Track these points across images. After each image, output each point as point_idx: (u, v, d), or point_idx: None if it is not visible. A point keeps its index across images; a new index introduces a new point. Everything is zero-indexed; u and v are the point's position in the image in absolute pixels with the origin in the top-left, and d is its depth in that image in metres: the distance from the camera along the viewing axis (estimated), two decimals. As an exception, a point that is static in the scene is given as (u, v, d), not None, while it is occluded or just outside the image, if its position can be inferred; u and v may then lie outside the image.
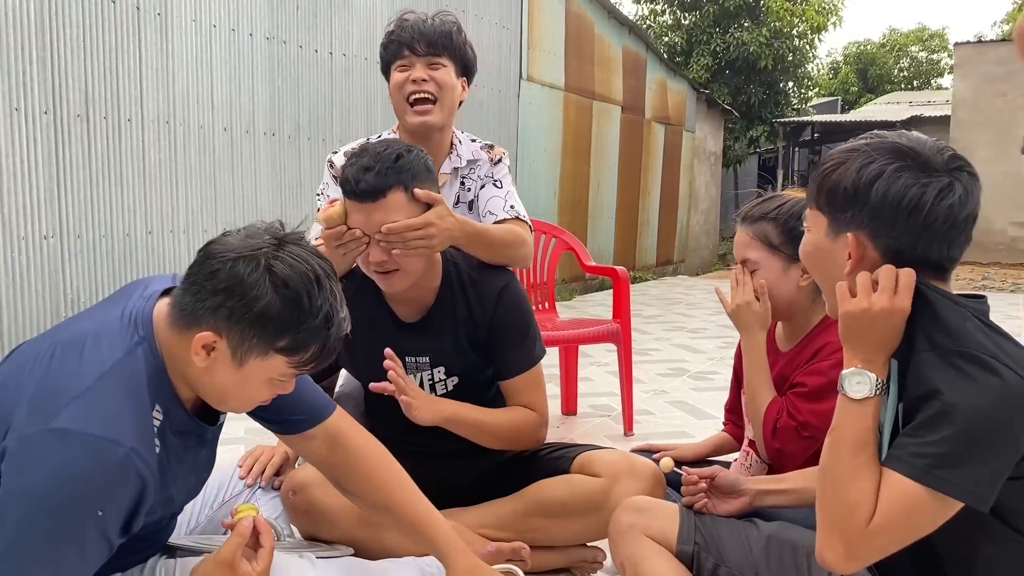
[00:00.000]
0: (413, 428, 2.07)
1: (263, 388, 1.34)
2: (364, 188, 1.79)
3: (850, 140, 1.32)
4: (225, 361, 1.29)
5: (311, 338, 1.29)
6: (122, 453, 1.20)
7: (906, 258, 1.23)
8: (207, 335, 1.26)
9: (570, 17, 9.01)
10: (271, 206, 5.32)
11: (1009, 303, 8.89)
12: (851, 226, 1.25)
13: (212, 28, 4.82)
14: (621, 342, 3.54)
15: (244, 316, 1.26)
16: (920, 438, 1.15)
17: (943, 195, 1.20)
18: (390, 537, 1.85)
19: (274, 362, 1.30)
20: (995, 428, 1.13)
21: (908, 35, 33.72)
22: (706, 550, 1.49)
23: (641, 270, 11.33)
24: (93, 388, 1.23)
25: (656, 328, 6.67)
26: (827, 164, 1.29)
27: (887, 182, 1.21)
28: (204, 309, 1.27)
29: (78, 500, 1.18)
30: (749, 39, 17.00)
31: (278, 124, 5.33)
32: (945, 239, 1.23)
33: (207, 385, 1.34)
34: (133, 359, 1.28)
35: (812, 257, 1.34)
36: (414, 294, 1.98)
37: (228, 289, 1.26)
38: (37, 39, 3.91)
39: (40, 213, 3.94)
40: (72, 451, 1.18)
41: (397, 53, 2.22)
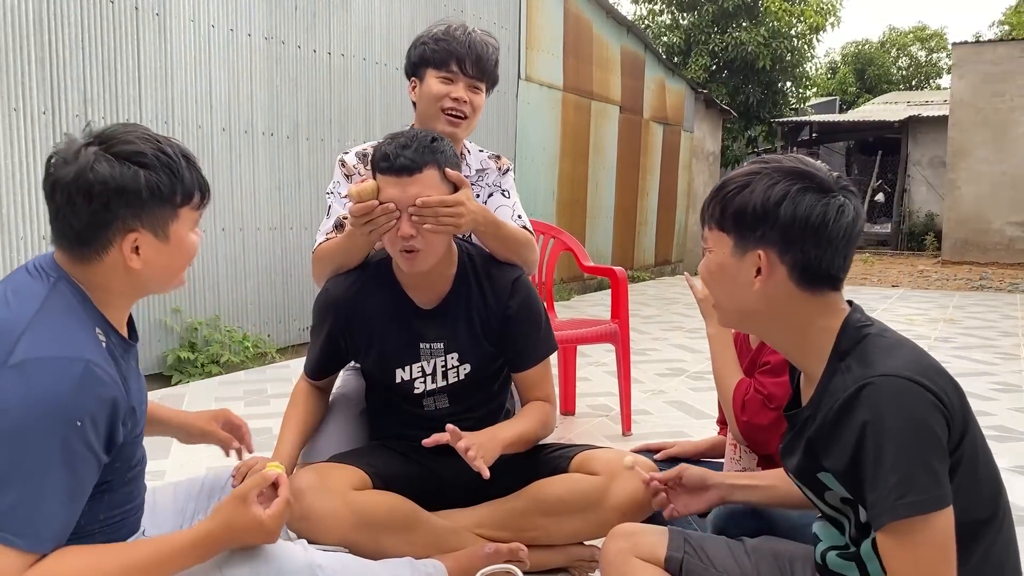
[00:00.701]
0: (413, 430, 2.08)
1: (193, 244, 1.45)
2: (402, 163, 1.85)
3: (744, 164, 1.39)
4: (154, 246, 1.38)
5: (191, 179, 1.40)
6: (83, 365, 1.27)
7: (811, 272, 1.31)
8: (129, 237, 1.35)
9: (568, 17, 9.02)
10: (269, 206, 5.32)
11: (1007, 303, 8.91)
12: (760, 244, 1.32)
13: (210, 28, 4.83)
14: (619, 342, 3.55)
15: (142, 203, 1.34)
16: None
17: (842, 212, 1.30)
18: (387, 541, 1.85)
19: (185, 216, 1.41)
20: None
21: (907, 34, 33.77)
22: (694, 556, 1.52)
23: (639, 270, 11.35)
24: (35, 321, 1.29)
25: (654, 328, 6.68)
26: (729, 187, 1.35)
27: (793, 201, 1.29)
28: (104, 227, 1.34)
29: (53, 419, 1.22)
30: (747, 39, 17.02)
31: (276, 124, 5.34)
32: (842, 252, 1.32)
33: (151, 279, 1.42)
34: (58, 292, 1.35)
35: (716, 276, 1.39)
36: (431, 280, 2.02)
37: (112, 197, 1.32)
38: (35, 39, 3.91)
39: (38, 213, 3.94)
40: (35, 377, 1.23)
41: (443, 63, 2.23)
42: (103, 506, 1.40)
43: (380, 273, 2.05)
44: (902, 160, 18.41)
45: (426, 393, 2.06)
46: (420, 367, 2.04)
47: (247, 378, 4.63)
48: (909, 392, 1.20)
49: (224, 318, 5.01)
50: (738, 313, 1.40)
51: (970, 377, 4.89)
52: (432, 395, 2.07)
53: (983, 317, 7.67)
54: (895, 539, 1.20)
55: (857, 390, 1.23)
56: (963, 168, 14.27)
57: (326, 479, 1.86)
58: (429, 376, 2.05)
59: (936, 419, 1.20)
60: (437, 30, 2.27)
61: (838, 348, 1.33)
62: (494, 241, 2.09)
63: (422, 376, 2.05)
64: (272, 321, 5.39)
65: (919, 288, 10.64)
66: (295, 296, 5.55)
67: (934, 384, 1.22)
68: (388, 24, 6.15)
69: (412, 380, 2.05)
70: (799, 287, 1.33)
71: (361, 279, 2.06)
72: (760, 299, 1.34)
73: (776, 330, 1.39)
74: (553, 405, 2.13)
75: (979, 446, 1.29)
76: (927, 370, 1.25)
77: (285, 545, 1.50)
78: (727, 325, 1.44)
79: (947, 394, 1.24)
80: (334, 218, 2.20)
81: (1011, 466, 3.27)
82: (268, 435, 3.46)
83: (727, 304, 1.41)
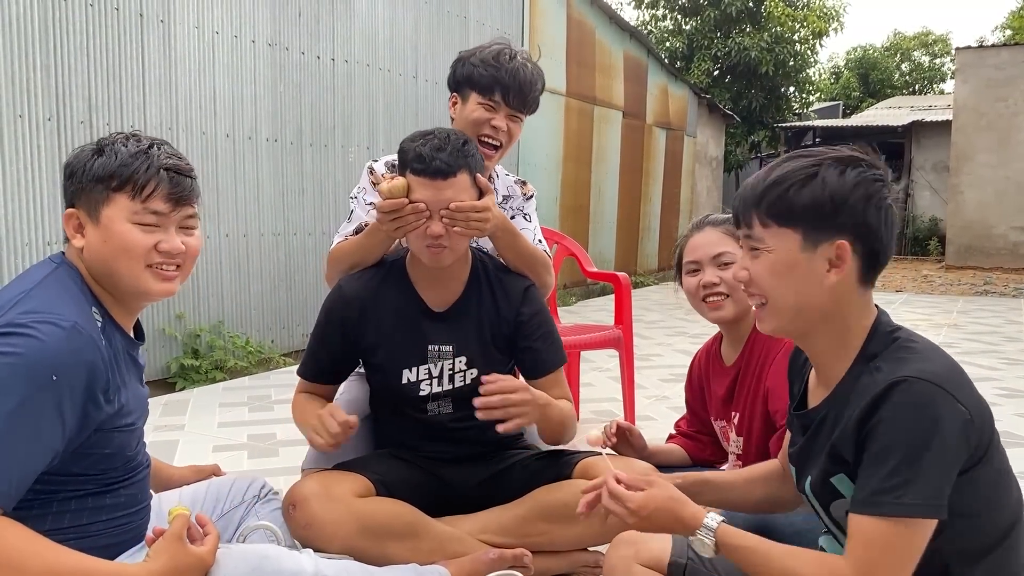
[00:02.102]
0: (419, 437, 2.09)
1: (129, 232, 1.43)
2: (437, 166, 1.89)
3: (788, 158, 1.35)
4: (90, 226, 1.43)
5: (134, 167, 1.43)
6: (67, 325, 1.29)
7: (875, 261, 1.30)
8: (69, 212, 1.44)
9: (571, 23, 9.03)
10: (273, 211, 5.33)
11: (1011, 307, 8.89)
12: (839, 233, 1.28)
13: (215, 35, 4.84)
14: (623, 347, 3.55)
15: (80, 180, 1.43)
16: None
17: (893, 201, 1.30)
18: (391, 548, 1.85)
19: (119, 202, 1.42)
20: None
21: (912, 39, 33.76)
22: (698, 562, 1.52)
23: (642, 275, 11.34)
24: (30, 293, 1.34)
25: (658, 333, 6.67)
26: (791, 181, 1.29)
27: (865, 187, 1.27)
28: (64, 206, 1.46)
29: (28, 368, 1.24)
30: (750, 44, 17.03)
31: (280, 130, 5.35)
32: (895, 239, 1.33)
33: (92, 262, 1.44)
34: (60, 272, 1.41)
35: (783, 275, 1.31)
36: (444, 282, 2.04)
37: (65, 175, 1.45)
38: (41, 46, 3.93)
39: (44, 220, 3.95)
40: (18, 336, 1.26)
41: (488, 89, 2.24)
42: (106, 507, 1.40)
43: (394, 272, 2.07)
44: (906, 165, 18.39)
45: (431, 396, 2.06)
46: (427, 369, 2.04)
47: (251, 383, 4.63)
48: (939, 396, 1.19)
49: (228, 324, 5.02)
50: (798, 312, 1.32)
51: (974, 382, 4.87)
52: (436, 399, 2.07)
53: (987, 322, 7.66)
54: (873, 529, 1.19)
55: (889, 386, 1.20)
56: (967, 173, 14.25)
57: (330, 487, 1.86)
58: (435, 379, 2.05)
59: (958, 431, 1.19)
60: (489, 53, 2.26)
61: (866, 349, 1.31)
62: (510, 251, 2.12)
63: (428, 379, 2.05)
64: (276, 327, 5.40)
65: (923, 293, 10.62)
66: (299, 302, 5.56)
67: (966, 397, 1.21)
68: (391, 30, 6.16)
69: (418, 382, 2.05)
70: (859, 281, 1.31)
71: (376, 277, 2.07)
72: (828, 295, 1.29)
73: (824, 328, 1.33)
74: (573, 408, 2.13)
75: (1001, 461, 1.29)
76: (961, 383, 1.24)
77: (293, 555, 1.50)
78: (775, 327, 1.36)
79: (978, 410, 1.23)
80: (355, 223, 2.21)
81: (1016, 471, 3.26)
82: (272, 440, 3.46)
83: (789, 302, 1.32)
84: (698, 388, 2.22)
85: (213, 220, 4.89)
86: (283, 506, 1.85)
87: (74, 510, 1.39)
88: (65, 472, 1.34)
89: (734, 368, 2.04)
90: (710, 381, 2.16)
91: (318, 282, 5.70)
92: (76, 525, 1.38)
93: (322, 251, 5.73)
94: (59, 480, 1.35)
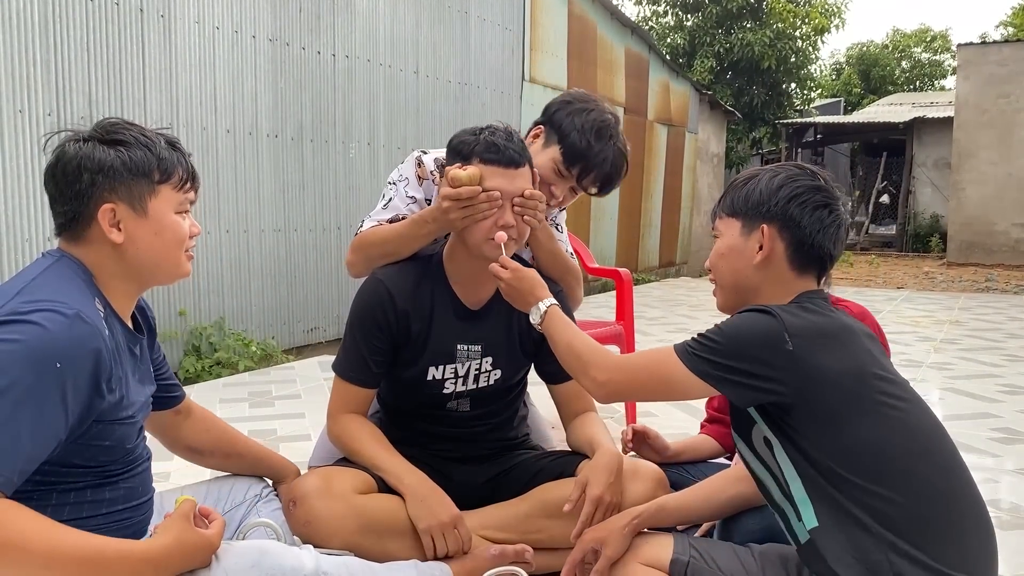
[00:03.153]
0: (430, 435, 2.09)
1: (177, 223, 1.47)
2: (511, 155, 1.89)
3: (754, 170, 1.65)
4: (133, 220, 1.42)
5: (170, 158, 1.45)
6: (70, 313, 1.28)
7: (804, 250, 1.54)
8: (105, 207, 1.40)
9: (572, 19, 9.02)
10: (274, 207, 5.32)
11: (1012, 304, 8.88)
12: (765, 219, 1.55)
13: (215, 30, 4.83)
14: (624, 344, 3.54)
15: (115, 174, 1.40)
16: None
17: (836, 204, 1.56)
18: (391, 544, 1.85)
19: (164, 194, 1.44)
20: None
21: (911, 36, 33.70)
22: (700, 559, 1.52)
23: (644, 272, 11.33)
24: (31, 285, 1.33)
25: (659, 330, 6.67)
26: (738, 182, 1.62)
27: (792, 186, 1.55)
28: (84, 200, 1.40)
29: (32, 354, 1.23)
30: (752, 40, 17.01)
31: (281, 126, 5.34)
32: (831, 238, 1.55)
33: (138, 257, 1.44)
34: (59, 266, 1.40)
35: (725, 256, 1.60)
36: (482, 280, 2.00)
37: (86, 169, 1.39)
38: (41, 41, 3.92)
39: (44, 215, 3.95)
40: (21, 324, 1.25)
41: (572, 162, 2.15)
42: (106, 500, 1.40)
43: (432, 269, 2.02)
44: (907, 162, 18.37)
45: (453, 395, 2.06)
46: (454, 368, 2.03)
47: (252, 380, 4.63)
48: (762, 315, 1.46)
49: (229, 320, 5.01)
50: (735, 289, 1.59)
51: (976, 379, 4.87)
52: (458, 398, 2.07)
53: (989, 319, 7.65)
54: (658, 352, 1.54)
55: None
56: (968, 170, 14.23)
57: (330, 483, 1.85)
58: (460, 379, 2.04)
59: (773, 332, 1.42)
60: (594, 121, 2.15)
61: None
62: (546, 252, 2.11)
63: (454, 377, 2.04)
64: (277, 323, 5.39)
65: (924, 290, 10.61)
66: (300, 298, 5.55)
67: (793, 320, 1.43)
68: (392, 25, 6.15)
69: (443, 380, 2.03)
70: (790, 266, 1.54)
71: (414, 272, 2.01)
72: (758, 273, 1.55)
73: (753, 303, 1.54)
74: None
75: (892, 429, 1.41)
76: (807, 321, 1.45)
77: (294, 551, 1.50)
78: (724, 305, 1.63)
79: (801, 333, 1.42)
80: (392, 212, 2.13)
81: (1017, 468, 3.25)
82: (273, 436, 3.46)
83: (730, 281, 1.60)
84: None
85: (214, 216, 4.89)
86: (284, 502, 1.85)
87: (73, 502, 1.38)
88: (65, 463, 1.34)
89: None
90: None
91: (319, 278, 5.70)
92: (75, 518, 1.37)
93: (323, 247, 5.73)
94: (58, 472, 1.34)
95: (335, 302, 5.76)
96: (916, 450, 1.40)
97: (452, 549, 1.84)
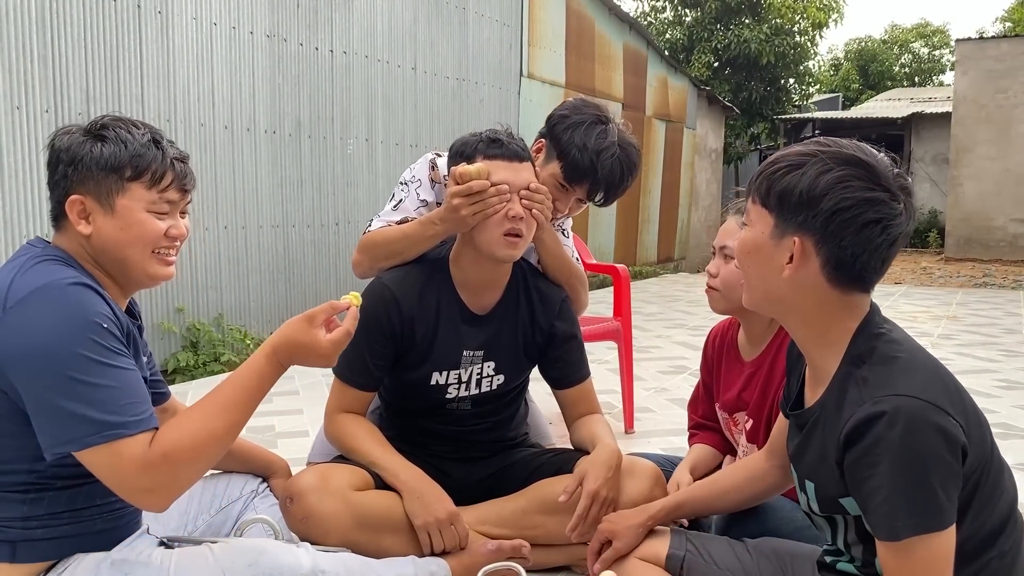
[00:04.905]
0: (429, 433, 2.10)
1: (148, 221, 1.46)
2: (515, 149, 1.93)
3: (804, 142, 1.33)
4: (100, 214, 1.43)
5: (145, 155, 1.44)
6: (79, 282, 1.35)
7: (845, 270, 1.25)
8: (73, 199, 1.42)
9: (570, 14, 9.01)
10: (271, 203, 5.32)
11: (1010, 300, 8.90)
12: (799, 231, 1.26)
13: (212, 26, 4.82)
14: (622, 340, 3.54)
15: (85, 168, 1.42)
16: None
17: (893, 217, 1.23)
18: (388, 541, 1.86)
19: (135, 192, 1.44)
20: None
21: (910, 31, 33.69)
22: (696, 554, 1.53)
23: (642, 267, 11.34)
24: (20, 271, 1.36)
25: (657, 326, 6.67)
26: (781, 164, 1.28)
27: (843, 193, 1.22)
28: (60, 190, 1.44)
29: (76, 327, 1.30)
30: (750, 36, 16.98)
31: (278, 122, 5.34)
32: (881, 256, 1.25)
33: (103, 250, 1.45)
34: (48, 252, 1.43)
35: (751, 254, 1.33)
36: (487, 285, 2.01)
37: (61, 162, 1.43)
38: (38, 37, 3.91)
39: (42, 211, 3.95)
40: (38, 304, 1.31)
41: (575, 180, 2.15)
42: (100, 492, 1.40)
43: (437, 273, 2.01)
44: (905, 157, 18.38)
45: (456, 399, 2.07)
46: (457, 374, 2.03)
47: (250, 376, 4.62)
48: (925, 413, 1.17)
49: (227, 316, 5.01)
50: (764, 295, 1.34)
51: (973, 374, 4.88)
52: (460, 401, 2.07)
53: (986, 314, 7.66)
54: (894, 554, 1.20)
55: (872, 416, 1.19)
56: (966, 165, 14.23)
57: (327, 480, 1.86)
58: (464, 384, 2.05)
59: (949, 443, 1.17)
60: (597, 139, 2.11)
61: (852, 350, 1.29)
62: (552, 256, 2.12)
63: (457, 383, 2.04)
64: (275, 319, 5.39)
65: (922, 285, 10.62)
66: (298, 294, 5.55)
67: (952, 408, 1.20)
68: (390, 21, 6.14)
69: (446, 385, 2.04)
70: (829, 283, 1.27)
71: (420, 276, 2.00)
72: (788, 287, 1.29)
73: (797, 320, 1.34)
74: None
75: (998, 468, 1.28)
76: (947, 392, 1.22)
77: (291, 549, 1.50)
78: (751, 305, 1.38)
79: (965, 418, 1.21)
80: (402, 214, 2.13)
81: (1015, 463, 3.26)
82: (271, 432, 3.46)
83: (756, 283, 1.34)
84: (707, 368, 2.16)
85: (211, 212, 4.88)
86: (280, 500, 1.85)
87: (70, 495, 1.39)
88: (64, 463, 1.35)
89: (752, 366, 1.96)
90: (722, 367, 2.09)
91: (317, 274, 5.70)
92: (71, 510, 1.39)
93: (321, 243, 5.73)
94: (56, 465, 1.35)
95: (333, 298, 5.71)
96: None
97: (449, 545, 1.85)
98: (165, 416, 1.76)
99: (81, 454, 1.30)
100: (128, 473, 1.30)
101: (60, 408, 1.28)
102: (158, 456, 1.31)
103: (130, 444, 1.30)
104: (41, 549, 1.38)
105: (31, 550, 1.37)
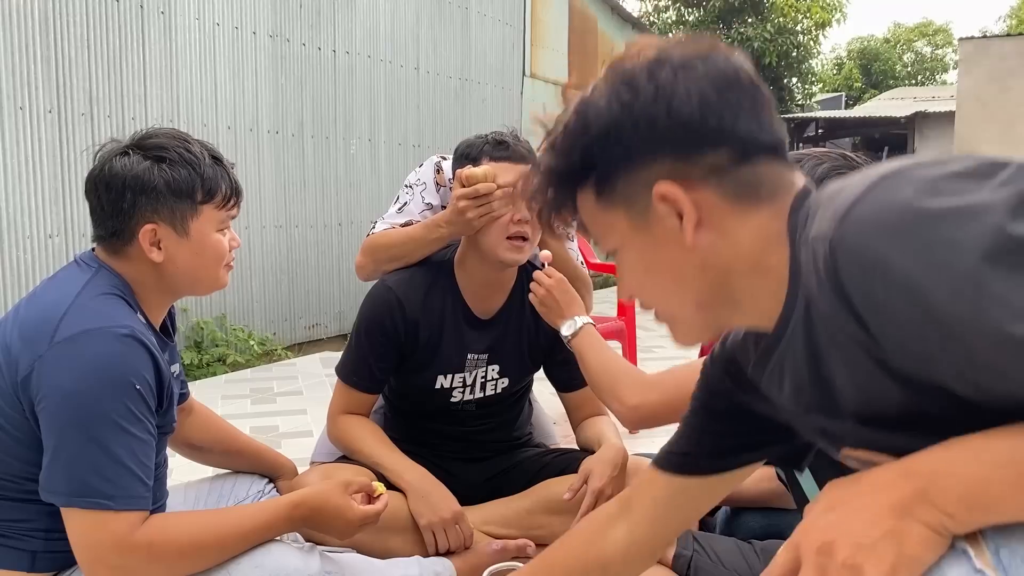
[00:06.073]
0: (435, 435, 2.10)
1: (218, 242, 1.47)
2: (520, 151, 1.91)
3: None
4: (174, 240, 1.41)
5: (215, 177, 1.44)
6: (125, 331, 1.31)
7: (726, 171, 0.83)
8: (146, 228, 1.39)
9: (573, 14, 9.01)
10: (275, 204, 5.32)
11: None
12: (648, 182, 0.84)
13: (215, 26, 4.82)
14: (626, 339, 3.54)
15: (157, 195, 1.39)
16: None
17: (730, 57, 0.90)
18: (392, 540, 1.85)
19: (207, 214, 1.44)
20: None
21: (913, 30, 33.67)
22: (703, 554, 1.52)
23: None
24: (76, 303, 1.33)
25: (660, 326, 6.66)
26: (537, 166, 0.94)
27: (630, 106, 0.87)
28: (126, 218, 1.39)
29: (111, 384, 1.27)
30: (753, 35, 16.98)
31: (281, 122, 5.34)
32: (750, 111, 0.87)
33: (176, 275, 1.44)
34: (99, 278, 1.39)
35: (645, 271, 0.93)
36: (493, 288, 2.00)
37: (129, 188, 1.38)
38: (41, 38, 3.91)
39: (45, 212, 3.95)
40: (85, 348, 1.28)
41: None
42: None
43: (442, 276, 1.99)
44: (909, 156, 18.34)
45: (461, 403, 2.07)
46: (462, 378, 2.03)
47: (253, 376, 4.63)
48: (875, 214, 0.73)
49: (230, 317, 5.01)
50: (695, 306, 0.92)
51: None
52: (464, 403, 2.07)
53: (991, 313, 7.63)
54: None
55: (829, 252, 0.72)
56: (970, 164, 14.21)
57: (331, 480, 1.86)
58: (468, 387, 2.04)
59: None
60: None
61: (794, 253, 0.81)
62: (557, 258, 2.10)
63: (462, 387, 2.04)
64: (278, 320, 5.39)
65: (926, 284, 10.59)
66: (301, 295, 5.55)
67: None
68: (393, 21, 6.14)
69: (451, 389, 2.03)
70: (731, 202, 0.83)
71: (425, 279, 1.98)
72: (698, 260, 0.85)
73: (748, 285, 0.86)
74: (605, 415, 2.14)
75: None
76: None
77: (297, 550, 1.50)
78: (692, 339, 1.00)
79: None
80: (406, 217, 2.13)
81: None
82: (275, 432, 3.46)
83: (673, 300, 0.95)
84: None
85: (215, 212, 4.88)
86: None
87: None
88: None
89: None
90: None
91: (320, 275, 5.70)
92: None
93: (324, 243, 5.73)
94: None
95: (336, 299, 5.76)
96: None
97: (454, 545, 1.85)
98: (182, 416, 1.77)
99: (64, 511, 1.28)
100: (103, 546, 1.27)
101: (67, 459, 1.26)
102: (142, 543, 1.28)
103: (116, 519, 1.27)
104: (60, 560, 1.38)
105: (50, 561, 1.38)
